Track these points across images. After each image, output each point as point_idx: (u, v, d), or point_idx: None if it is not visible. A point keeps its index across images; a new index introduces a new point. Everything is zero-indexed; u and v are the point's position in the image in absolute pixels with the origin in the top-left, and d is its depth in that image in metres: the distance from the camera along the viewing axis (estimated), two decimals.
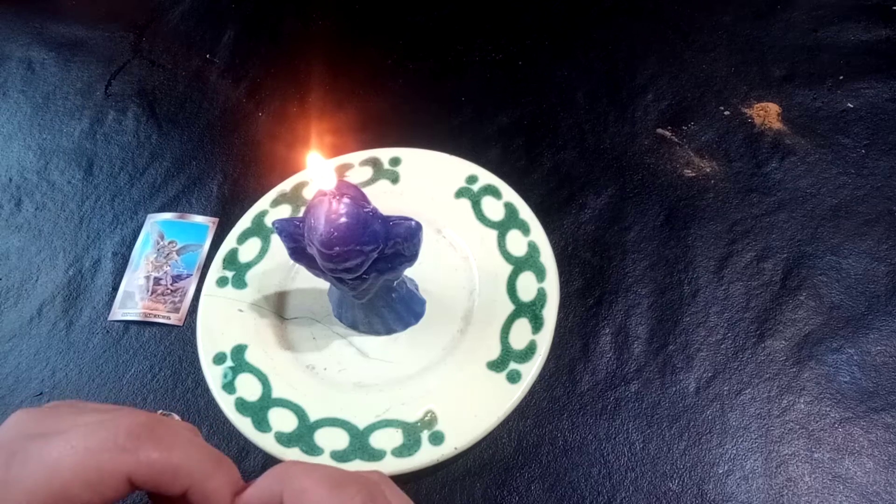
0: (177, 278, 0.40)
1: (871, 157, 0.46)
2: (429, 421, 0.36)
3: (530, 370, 0.37)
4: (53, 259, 0.49)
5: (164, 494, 0.21)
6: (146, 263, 0.37)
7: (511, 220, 0.43)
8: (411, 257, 0.34)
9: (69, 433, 0.21)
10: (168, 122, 0.56)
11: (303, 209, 0.44)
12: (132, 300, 0.41)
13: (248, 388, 0.38)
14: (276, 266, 0.43)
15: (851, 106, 0.49)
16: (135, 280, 0.39)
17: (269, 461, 0.38)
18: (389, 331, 0.40)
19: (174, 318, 0.41)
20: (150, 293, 0.40)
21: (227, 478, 0.22)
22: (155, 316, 0.41)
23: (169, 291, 0.40)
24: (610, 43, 0.56)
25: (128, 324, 0.45)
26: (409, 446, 0.35)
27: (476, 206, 0.44)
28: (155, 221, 0.36)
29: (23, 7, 0.68)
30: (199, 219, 0.40)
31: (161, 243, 0.37)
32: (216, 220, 0.41)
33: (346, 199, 0.31)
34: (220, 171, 0.52)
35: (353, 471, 0.23)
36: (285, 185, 0.47)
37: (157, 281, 0.39)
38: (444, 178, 0.45)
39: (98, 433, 0.21)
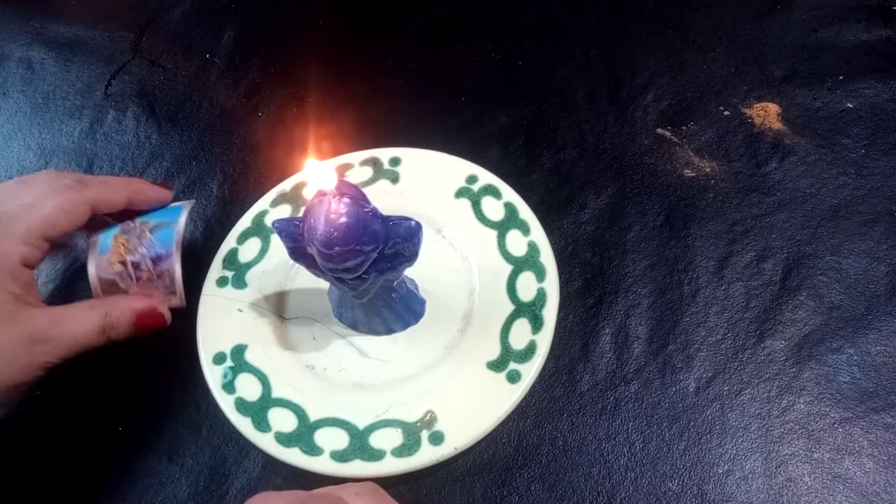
0: (157, 260, 0.36)
1: (871, 157, 0.46)
2: (429, 421, 0.36)
3: (530, 370, 0.37)
4: (53, 259, 0.49)
5: (113, 209, 0.37)
6: (116, 246, 0.35)
7: (511, 220, 0.43)
8: (411, 257, 0.34)
9: (41, 192, 0.35)
10: (168, 122, 0.56)
11: (303, 209, 0.44)
12: (118, 291, 0.37)
13: (248, 388, 0.38)
14: (275, 266, 0.43)
15: (851, 106, 0.49)
16: (107, 267, 0.35)
17: (269, 461, 0.38)
18: (389, 331, 0.40)
19: (174, 301, 0.40)
20: (135, 280, 0.37)
21: (157, 192, 0.40)
22: None
23: (155, 277, 0.37)
24: (610, 43, 0.56)
25: None
26: (408, 446, 0.35)
27: (476, 206, 0.44)
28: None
29: (23, 7, 0.68)
30: (173, 203, 0.38)
31: (129, 224, 0.36)
32: (192, 201, 0.40)
33: (346, 199, 0.31)
34: (220, 170, 0.52)
35: (322, 491, 0.25)
36: (285, 185, 0.47)
37: (136, 266, 0.36)
38: (444, 178, 0.45)
39: (63, 179, 0.36)
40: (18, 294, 0.32)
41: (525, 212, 0.43)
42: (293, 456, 0.35)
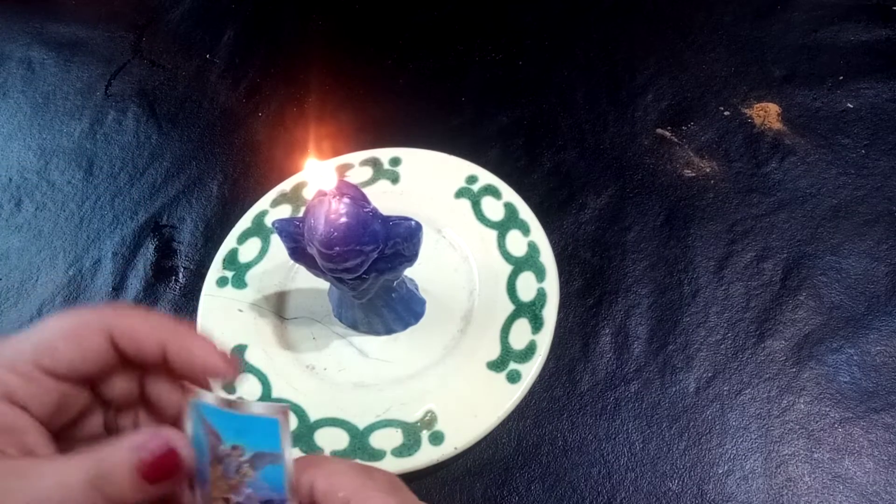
0: None
1: (871, 157, 0.46)
2: (429, 421, 0.36)
3: (530, 370, 0.37)
4: (53, 259, 0.49)
5: (141, 356, 0.23)
6: (214, 478, 0.24)
7: (511, 220, 0.43)
8: (411, 257, 0.34)
9: (53, 316, 0.23)
10: (168, 123, 0.56)
11: (303, 209, 0.44)
12: None
13: (248, 388, 0.38)
14: (275, 266, 0.43)
15: (851, 106, 0.49)
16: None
17: None
18: (389, 331, 0.40)
19: None
20: None
21: (202, 342, 0.23)
22: None
23: None
24: (610, 43, 0.56)
25: None
26: (408, 446, 0.35)
27: (476, 206, 0.44)
28: (200, 409, 0.23)
29: (23, 7, 0.68)
30: (258, 408, 0.24)
31: (222, 449, 0.24)
32: (285, 409, 0.25)
33: (346, 199, 0.31)
34: (220, 171, 0.52)
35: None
36: (285, 185, 0.47)
37: None
38: (444, 178, 0.45)
39: (80, 307, 0.24)
40: None
41: (525, 212, 0.43)
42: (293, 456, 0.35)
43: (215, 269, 0.43)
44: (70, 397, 0.24)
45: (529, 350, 0.37)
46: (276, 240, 0.44)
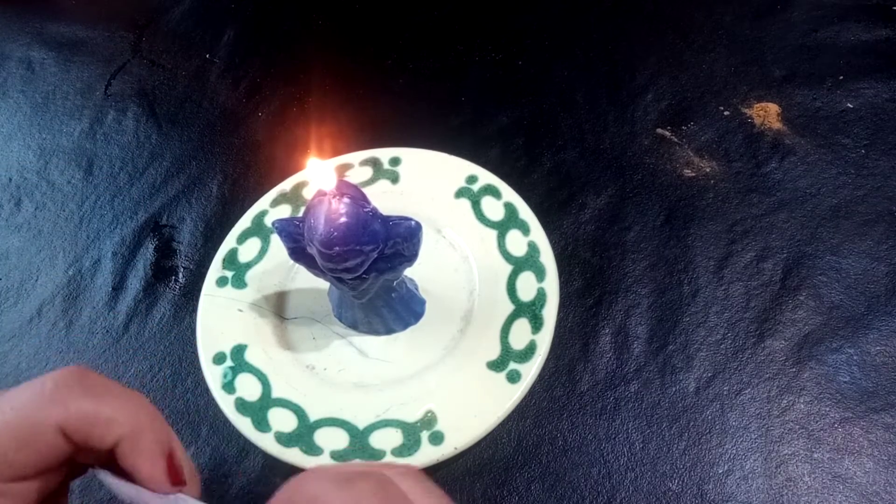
0: None
1: (870, 157, 0.46)
2: (428, 421, 0.36)
3: (530, 370, 0.37)
4: (53, 259, 0.49)
5: (96, 448, 0.21)
6: None
7: (511, 220, 0.43)
8: (411, 257, 0.34)
9: None
10: (168, 122, 0.56)
11: (303, 209, 0.44)
12: None
13: (248, 387, 0.38)
14: (275, 266, 0.43)
15: (851, 106, 0.49)
16: None
17: (269, 461, 0.38)
18: (389, 331, 0.40)
19: None
20: None
21: (160, 434, 0.21)
22: None
23: None
24: (610, 43, 0.56)
25: (127, 324, 0.45)
26: (408, 446, 0.35)
27: (476, 206, 0.44)
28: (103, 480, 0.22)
29: (23, 7, 0.68)
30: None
31: None
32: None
33: (346, 199, 0.31)
34: (220, 170, 0.52)
35: (364, 464, 0.22)
36: (285, 185, 0.47)
37: None
38: (444, 178, 0.45)
39: (26, 391, 0.20)
40: None
41: (525, 212, 0.43)
42: (293, 456, 0.35)
43: (215, 269, 0.43)
44: (45, 485, 0.22)
45: (529, 350, 0.37)
46: (275, 240, 0.44)
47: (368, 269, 0.33)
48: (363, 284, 0.35)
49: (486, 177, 0.45)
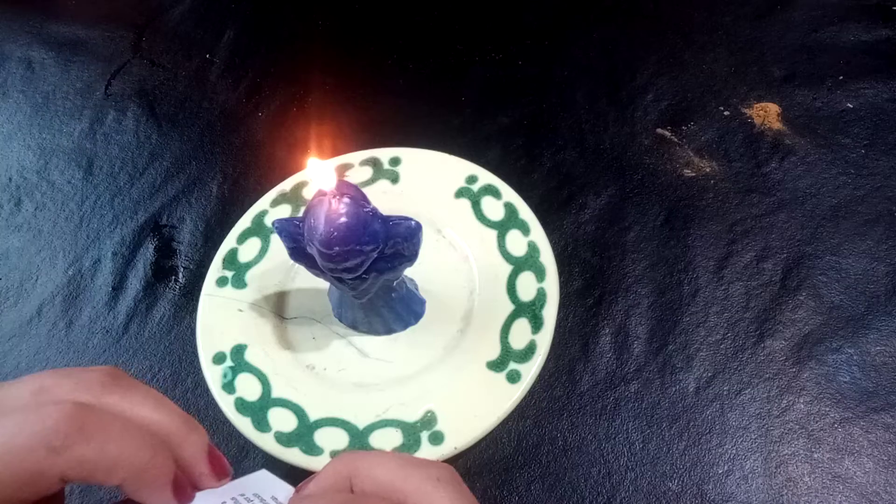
0: None
1: (871, 157, 0.46)
2: (428, 421, 0.36)
3: (530, 370, 0.36)
4: (53, 259, 0.49)
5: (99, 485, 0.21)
6: None
7: (511, 220, 0.43)
8: (411, 257, 0.34)
9: None
10: (168, 122, 0.56)
11: (303, 209, 0.44)
12: None
13: (248, 387, 0.38)
14: (275, 266, 0.43)
15: (851, 106, 0.49)
16: None
17: (269, 461, 0.38)
18: (389, 331, 0.40)
19: None
20: None
21: (163, 467, 0.21)
22: None
23: None
24: (610, 43, 0.56)
25: (127, 324, 0.45)
26: (408, 446, 0.35)
27: (476, 206, 0.44)
28: None
29: (23, 7, 0.68)
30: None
31: None
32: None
33: (346, 199, 0.31)
34: (220, 170, 0.52)
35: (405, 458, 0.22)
36: (285, 185, 0.47)
37: None
38: (443, 178, 0.45)
39: (24, 431, 0.19)
40: None
41: (525, 212, 0.43)
42: (293, 456, 0.35)
43: (215, 269, 0.43)
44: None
45: (529, 350, 0.37)
46: (275, 239, 0.44)
47: (368, 269, 0.33)
48: (363, 284, 0.35)
49: (486, 177, 0.45)
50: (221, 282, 0.43)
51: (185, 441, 0.22)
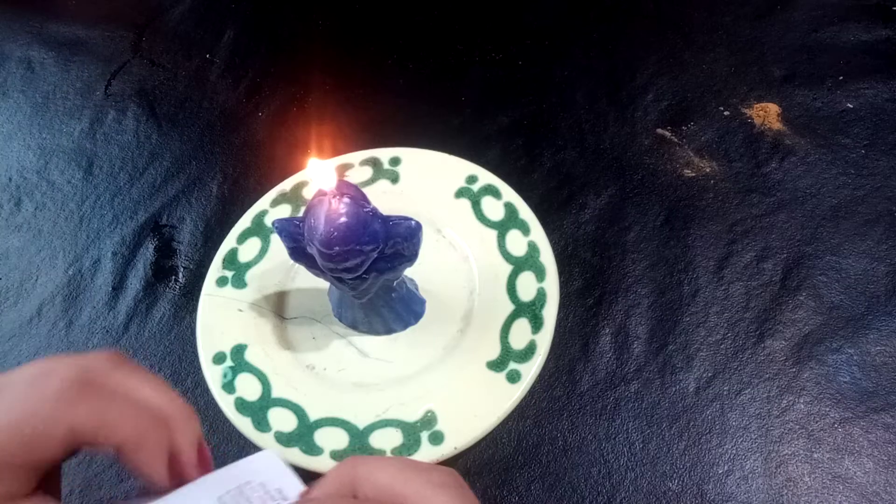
0: None
1: (870, 158, 0.46)
2: (428, 421, 0.36)
3: (530, 370, 0.36)
4: (53, 259, 0.49)
5: (99, 450, 0.21)
6: None
7: (511, 219, 0.43)
8: (411, 257, 0.34)
9: (6, 393, 0.20)
10: (168, 122, 0.56)
11: (303, 209, 0.44)
12: None
13: (248, 387, 0.38)
14: (275, 266, 0.43)
15: (851, 106, 0.49)
16: None
17: None
18: (389, 330, 0.40)
19: None
20: None
21: (161, 439, 0.22)
22: None
23: None
24: (610, 43, 0.56)
25: (127, 323, 0.45)
26: (408, 446, 0.35)
27: (476, 205, 0.44)
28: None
29: (23, 7, 0.68)
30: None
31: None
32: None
33: (346, 199, 0.31)
34: (220, 170, 0.52)
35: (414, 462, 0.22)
36: (285, 185, 0.47)
37: None
38: (443, 178, 0.45)
39: (30, 397, 0.20)
40: None
41: (525, 212, 0.43)
42: (293, 455, 0.35)
43: (215, 269, 0.43)
44: (51, 464, 0.21)
45: (529, 350, 0.37)
46: (275, 239, 0.44)
47: (368, 269, 0.33)
48: (363, 284, 0.35)
49: (486, 177, 0.45)
50: (221, 282, 0.43)
51: (182, 426, 0.22)
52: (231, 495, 0.21)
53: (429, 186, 0.45)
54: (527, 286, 0.40)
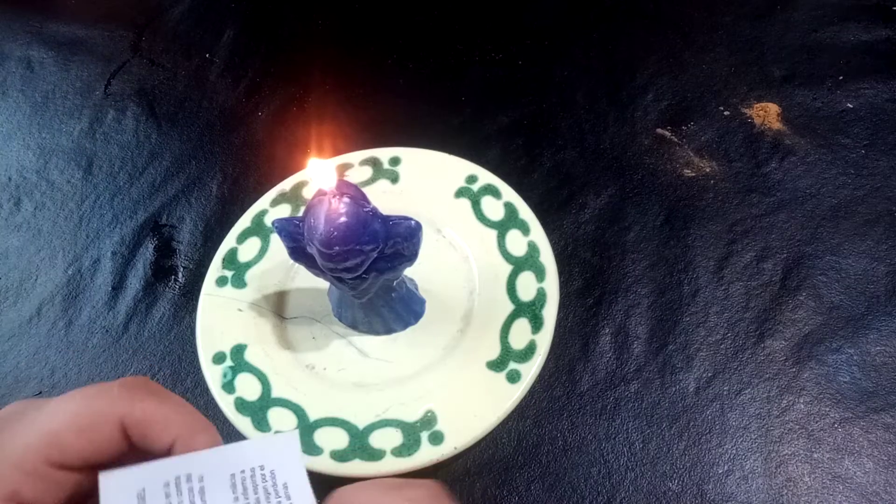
0: None
1: (870, 157, 0.46)
2: (428, 420, 0.36)
3: (530, 370, 0.36)
4: (53, 258, 0.49)
5: (151, 448, 0.22)
6: None
7: (511, 219, 0.43)
8: (411, 257, 0.34)
9: (65, 396, 0.21)
10: (167, 122, 0.56)
11: (302, 209, 0.44)
12: None
13: (248, 387, 0.38)
14: (275, 266, 0.43)
15: (851, 106, 0.49)
16: None
17: None
18: (389, 330, 0.40)
19: None
20: None
21: (212, 440, 0.22)
22: None
23: None
24: (610, 43, 0.56)
25: (127, 323, 0.45)
26: (408, 446, 0.35)
27: (476, 205, 0.44)
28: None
29: (22, 6, 0.68)
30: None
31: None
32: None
33: (345, 199, 0.31)
34: (220, 170, 0.52)
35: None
36: (285, 185, 0.47)
37: None
38: (443, 177, 0.45)
39: (94, 387, 0.22)
40: None
41: (525, 212, 0.43)
42: None
43: (215, 269, 0.43)
44: (80, 486, 0.22)
45: (529, 350, 0.37)
46: (275, 239, 0.44)
47: (368, 269, 0.33)
48: (363, 284, 0.35)
49: (485, 176, 0.45)
50: (221, 281, 0.43)
51: (213, 441, 0.22)
52: (244, 476, 0.21)
53: (429, 186, 0.45)
54: (527, 286, 0.40)
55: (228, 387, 0.38)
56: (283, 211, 0.46)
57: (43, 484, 0.21)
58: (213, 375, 0.39)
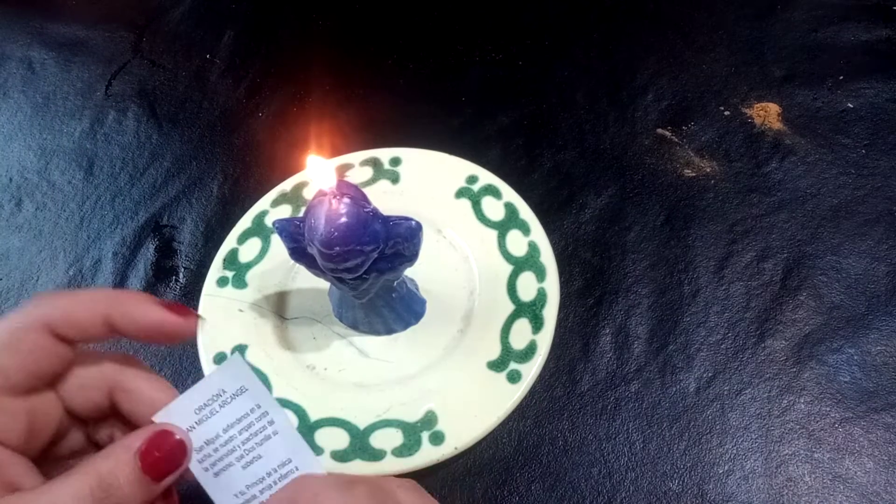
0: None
1: (871, 157, 0.46)
2: (429, 421, 0.36)
3: (530, 370, 0.36)
4: (54, 259, 0.49)
5: (92, 339, 0.24)
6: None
7: (511, 220, 0.43)
8: (411, 257, 0.34)
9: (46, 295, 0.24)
10: (168, 123, 0.56)
11: (303, 209, 0.44)
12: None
13: None
14: (276, 266, 0.43)
15: (851, 106, 0.49)
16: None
17: None
18: (389, 331, 0.40)
19: None
20: None
21: (138, 294, 0.25)
22: None
23: None
24: (610, 43, 0.56)
25: None
26: (409, 446, 0.35)
27: (476, 206, 0.44)
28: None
29: (23, 7, 0.68)
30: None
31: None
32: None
33: (346, 199, 0.31)
34: (221, 171, 0.52)
35: (362, 477, 0.24)
36: (285, 185, 0.47)
37: None
38: (444, 178, 0.45)
39: (8, 315, 0.23)
40: None
41: (525, 212, 0.43)
42: None
43: (215, 269, 0.43)
44: (39, 414, 0.22)
45: (530, 350, 0.37)
46: (276, 240, 0.44)
47: (369, 270, 0.33)
48: (363, 284, 0.35)
49: (486, 177, 0.45)
50: (222, 282, 0.43)
51: (132, 298, 0.25)
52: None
53: (429, 186, 0.45)
54: (527, 286, 0.40)
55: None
56: (284, 211, 0.46)
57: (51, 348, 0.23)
58: None
